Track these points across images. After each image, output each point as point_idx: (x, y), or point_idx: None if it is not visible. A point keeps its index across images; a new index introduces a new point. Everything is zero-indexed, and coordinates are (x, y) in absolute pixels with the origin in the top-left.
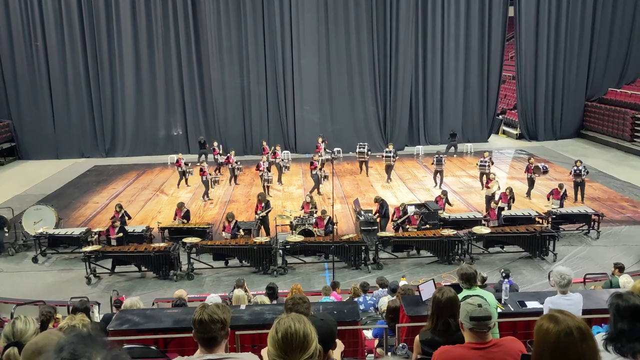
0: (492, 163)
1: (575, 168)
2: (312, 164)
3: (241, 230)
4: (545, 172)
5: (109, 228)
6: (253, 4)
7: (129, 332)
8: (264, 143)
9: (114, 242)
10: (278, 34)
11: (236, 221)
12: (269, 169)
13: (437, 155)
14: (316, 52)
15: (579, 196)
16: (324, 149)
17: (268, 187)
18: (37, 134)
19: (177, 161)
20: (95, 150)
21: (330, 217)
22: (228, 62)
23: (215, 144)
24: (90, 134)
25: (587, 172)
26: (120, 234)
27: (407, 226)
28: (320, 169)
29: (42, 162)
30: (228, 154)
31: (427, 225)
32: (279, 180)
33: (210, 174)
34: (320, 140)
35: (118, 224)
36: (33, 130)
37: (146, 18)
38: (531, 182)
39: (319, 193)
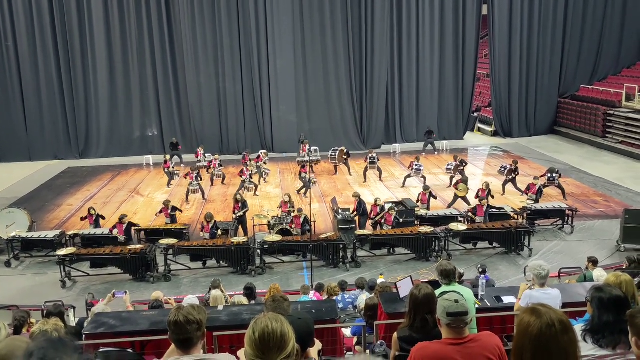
0: (464, 165)
1: (549, 175)
2: (303, 167)
3: (219, 231)
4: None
5: (116, 225)
6: (228, 3)
7: (105, 335)
8: (247, 153)
9: (121, 239)
10: (253, 34)
11: (215, 221)
12: (251, 177)
13: (416, 166)
14: (292, 51)
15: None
16: (308, 151)
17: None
18: (8, 136)
19: (165, 162)
20: (68, 151)
21: (306, 216)
22: (203, 62)
23: (200, 149)
24: (64, 135)
25: (560, 175)
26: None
27: (383, 223)
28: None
29: (14, 165)
30: (212, 159)
31: (401, 221)
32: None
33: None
34: (306, 142)
35: (126, 220)
36: (4, 132)
37: (119, 17)
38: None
39: (305, 195)
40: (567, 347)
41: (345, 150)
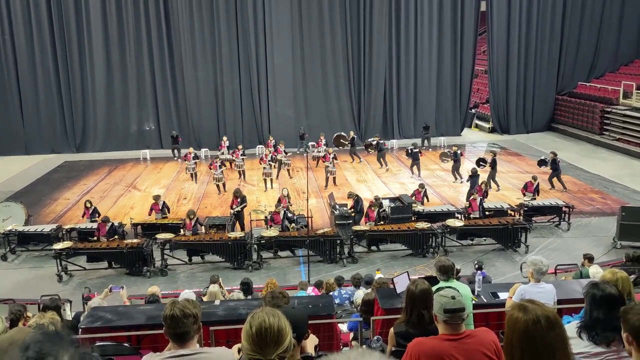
0: (452, 156)
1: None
2: (324, 157)
3: (202, 228)
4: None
5: (99, 226)
6: None
7: (101, 329)
8: (270, 137)
9: (103, 239)
10: (251, 29)
11: (197, 218)
12: (272, 161)
13: (411, 148)
14: (290, 46)
15: (558, 185)
16: (324, 144)
17: (265, 180)
18: (5, 129)
19: (186, 156)
20: (65, 145)
21: (286, 212)
22: (201, 56)
23: (225, 140)
24: (60, 129)
25: (546, 163)
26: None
27: (365, 221)
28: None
29: (10, 158)
30: (235, 149)
31: (389, 217)
32: (277, 176)
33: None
34: (321, 136)
35: (109, 223)
36: (1, 126)
37: (116, 11)
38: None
39: (334, 183)
40: (554, 342)
41: (350, 137)
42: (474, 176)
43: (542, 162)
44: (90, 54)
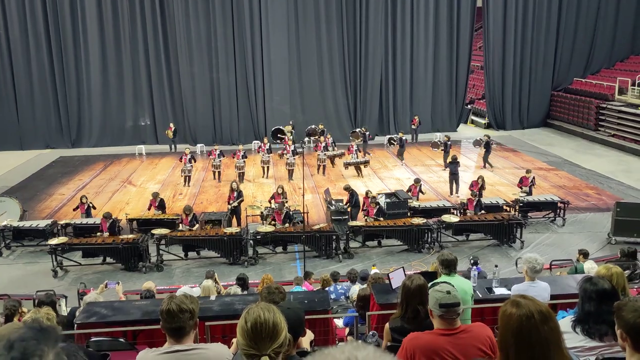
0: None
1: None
2: (316, 147)
3: (198, 224)
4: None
5: (101, 221)
6: None
7: (97, 324)
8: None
9: (106, 234)
10: (247, 24)
11: (194, 214)
12: (269, 152)
13: (367, 133)
14: (286, 42)
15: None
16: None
17: (264, 168)
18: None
19: (181, 158)
20: (60, 141)
21: (288, 211)
22: (196, 52)
23: (265, 140)
24: (56, 124)
25: (480, 144)
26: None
27: (365, 217)
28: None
29: (5, 154)
30: (237, 149)
31: (381, 219)
32: (290, 177)
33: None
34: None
35: (110, 219)
36: None
37: (112, 5)
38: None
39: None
40: (548, 336)
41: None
42: (453, 162)
43: (476, 142)
44: (86, 48)
